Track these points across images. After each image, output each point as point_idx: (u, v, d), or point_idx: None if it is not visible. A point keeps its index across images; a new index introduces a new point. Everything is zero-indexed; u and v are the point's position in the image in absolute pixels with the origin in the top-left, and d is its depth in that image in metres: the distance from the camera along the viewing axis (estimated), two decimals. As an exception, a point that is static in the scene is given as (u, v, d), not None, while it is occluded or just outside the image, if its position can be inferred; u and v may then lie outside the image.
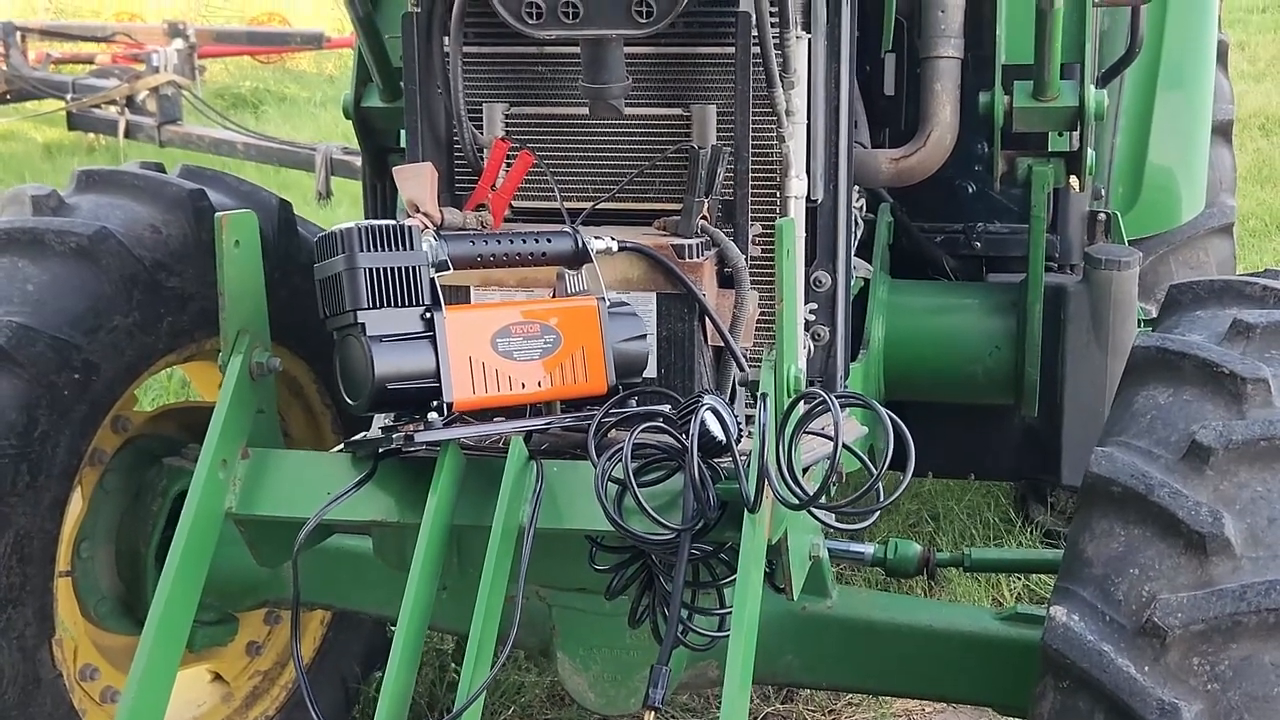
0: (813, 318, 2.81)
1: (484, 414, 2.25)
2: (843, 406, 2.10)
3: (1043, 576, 4.25)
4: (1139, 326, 3.61)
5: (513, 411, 2.27)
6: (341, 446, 2.41)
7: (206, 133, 9.55)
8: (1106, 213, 3.96)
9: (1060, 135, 3.39)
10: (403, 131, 2.89)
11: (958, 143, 3.28)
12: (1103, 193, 4.11)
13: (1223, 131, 4.76)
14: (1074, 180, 3.47)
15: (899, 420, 2.05)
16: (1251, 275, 2.69)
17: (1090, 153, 3.36)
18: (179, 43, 10.39)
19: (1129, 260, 3.54)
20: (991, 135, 3.33)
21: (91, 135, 10.73)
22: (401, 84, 2.80)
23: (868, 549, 3.10)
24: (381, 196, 3.69)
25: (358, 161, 4.87)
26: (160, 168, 3.25)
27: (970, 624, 2.84)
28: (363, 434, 2.40)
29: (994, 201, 3.87)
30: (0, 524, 2.69)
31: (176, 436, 3.23)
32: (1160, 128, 4.22)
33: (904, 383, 3.61)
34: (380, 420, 2.41)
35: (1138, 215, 4.16)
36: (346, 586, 2.98)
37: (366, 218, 3.34)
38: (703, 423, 2.09)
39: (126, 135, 9.79)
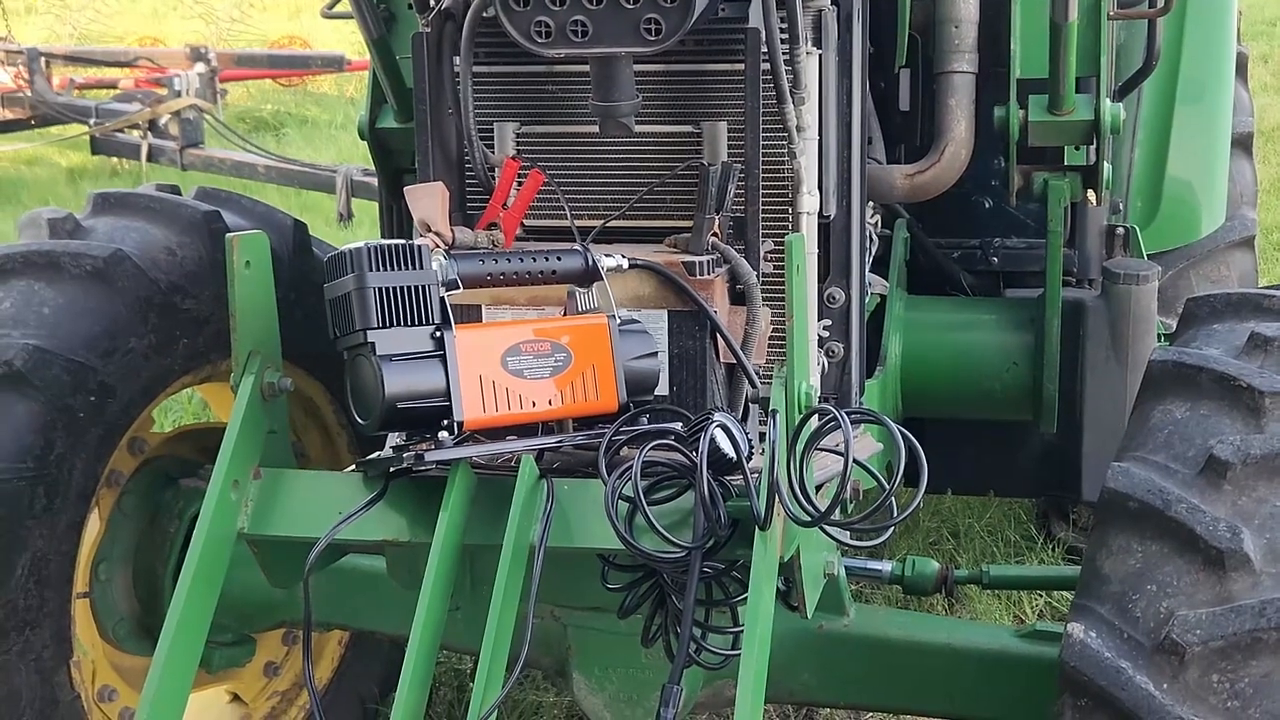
0: (826, 334, 2.79)
1: (495, 433, 2.24)
2: (854, 422, 2.09)
3: (1065, 593, 4.22)
4: (1159, 341, 3.59)
5: (524, 430, 2.27)
6: (353, 466, 2.41)
7: (228, 156, 9.62)
8: (1125, 227, 3.94)
9: (1076, 149, 3.38)
10: (416, 151, 2.90)
11: (973, 158, 3.28)
12: (1121, 207, 4.09)
13: (1243, 144, 4.73)
14: (1091, 194, 3.46)
15: (910, 435, 2.04)
16: (1269, 288, 2.67)
17: (1107, 166, 3.35)
18: (200, 66, 10.47)
19: (1148, 274, 3.51)
20: (1007, 150, 3.31)
21: (115, 159, 10.81)
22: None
23: (885, 566, 3.09)
24: (398, 217, 3.69)
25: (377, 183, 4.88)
26: (176, 190, 3.27)
27: (989, 642, 2.81)
28: (375, 453, 2.40)
29: (1011, 216, 3.86)
30: (17, 547, 2.70)
31: (193, 458, 3.24)
32: (1179, 141, 4.20)
33: (922, 399, 3.60)
34: (393, 440, 2.40)
35: (1157, 229, 4.14)
36: (361, 607, 2.98)
37: (383, 238, 3.34)
38: (713, 440, 2.07)
39: (149, 159, 9.87)
